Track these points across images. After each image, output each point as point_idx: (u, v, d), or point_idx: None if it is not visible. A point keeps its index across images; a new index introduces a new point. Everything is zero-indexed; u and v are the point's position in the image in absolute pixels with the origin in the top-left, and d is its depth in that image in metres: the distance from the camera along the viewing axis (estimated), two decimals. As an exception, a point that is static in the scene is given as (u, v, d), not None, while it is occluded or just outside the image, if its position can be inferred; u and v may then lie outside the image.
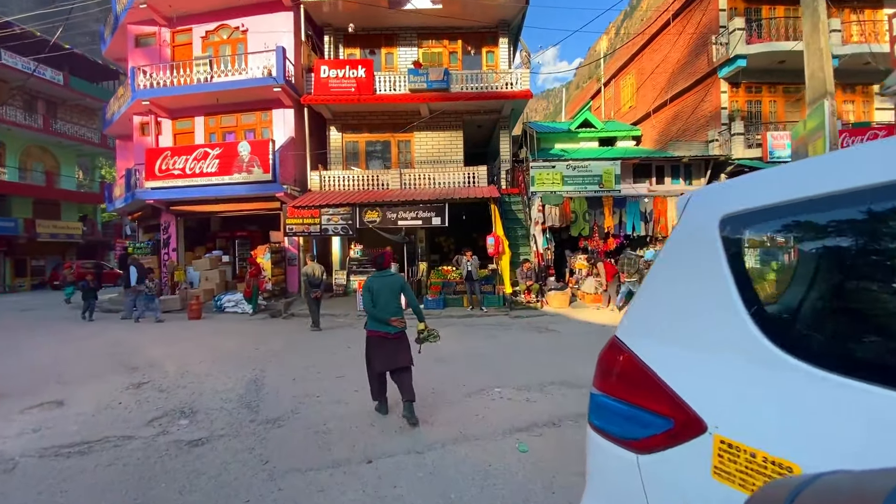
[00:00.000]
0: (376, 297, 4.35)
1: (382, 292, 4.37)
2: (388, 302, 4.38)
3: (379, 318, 4.31)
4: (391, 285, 4.45)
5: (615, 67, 25.21)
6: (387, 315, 4.31)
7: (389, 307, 4.37)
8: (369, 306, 4.34)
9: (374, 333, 4.37)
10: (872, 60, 13.74)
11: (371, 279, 4.45)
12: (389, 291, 4.42)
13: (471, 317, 11.35)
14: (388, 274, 4.56)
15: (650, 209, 12.37)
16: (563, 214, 12.22)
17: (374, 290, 4.36)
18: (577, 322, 10.21)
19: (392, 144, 15.58)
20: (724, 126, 15.91)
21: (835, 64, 15.59)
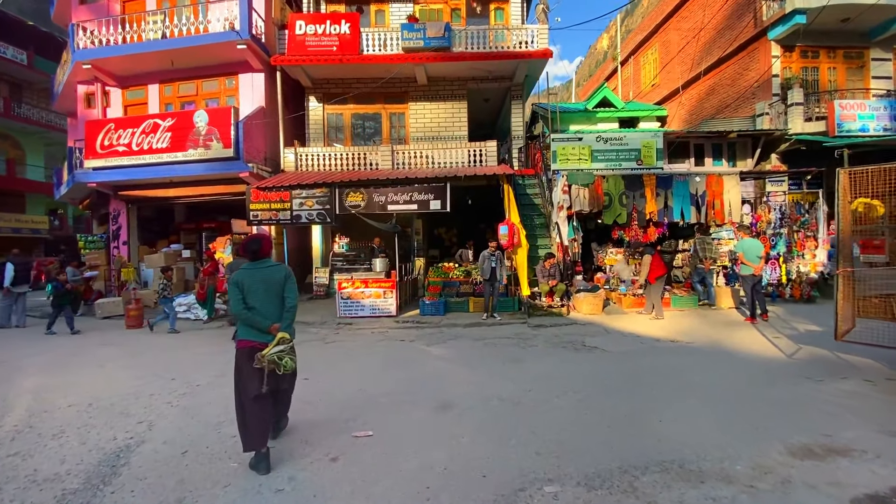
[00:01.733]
0: (249, 297, 3.36)
1: (256, 290, 3.38)
2: (266, 303, 3.41)
3: (252, 324, 3.35)
4: (269, 280, 3.44)
5: (634, 43, 22.71)
6: (264, 320, 3.35)
7: (268, 309, 3.40)
8: (238, 308, 3.34)
9: (247, 344, 3.36)
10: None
11: (241, 272, 3.43)
12: (267, 288, 3.41)
13: (479, 326, 8.92)
14: (267, 265, 3.51)
15: (702, 190, 9.95)
16: (595, 197, 9.80)
17: (246, 286, 3.38)
18: (620, 335, 7.77)
19: (383, 118, 13.12)
20: (776, 97, 13.45)
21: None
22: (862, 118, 12.01)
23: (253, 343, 3.30)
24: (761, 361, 5.75)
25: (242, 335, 3.36)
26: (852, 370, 5.29)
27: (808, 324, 8.15)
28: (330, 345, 7.36)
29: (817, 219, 10.33)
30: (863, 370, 5.28)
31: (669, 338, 7.36)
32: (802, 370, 5.34)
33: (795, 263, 10.40)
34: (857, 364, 5.52)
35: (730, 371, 5.35)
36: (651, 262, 8.88)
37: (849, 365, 5.52)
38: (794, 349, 6.34)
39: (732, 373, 5.28)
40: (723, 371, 5.35)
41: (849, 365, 5.52)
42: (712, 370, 5.39)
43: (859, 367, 5.41)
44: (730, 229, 10.15)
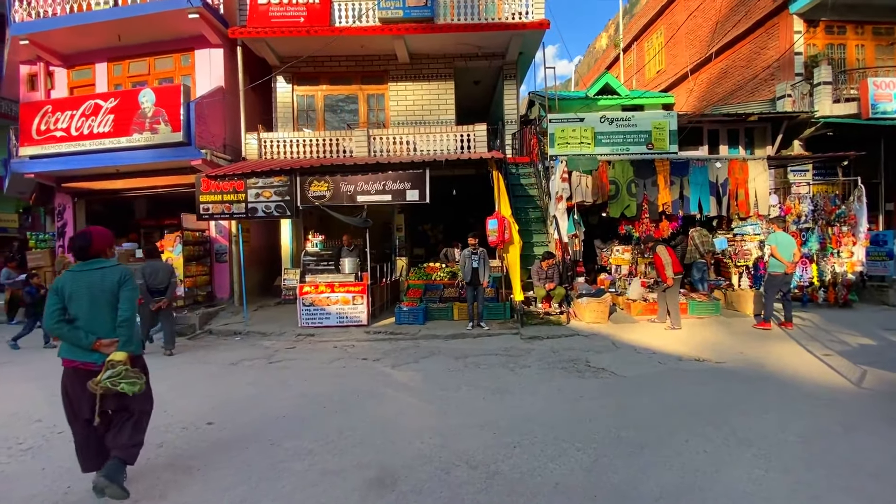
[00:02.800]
0: (72, 306, 2.66)
1: (80, 298, 2.67)
2: (93, 314, 2.69)
3: (70, 341, 2.67)
4: (98, 286, 2.70)
5: (638, 27, 21.28)
6: (87, 336, 2.64)
7: (95, 322, 2.69)
8: (51, 322, 2.62)
9: (72, 364, 2.70)
10: None
11: (64, 276, 2.75)
12: (94, 296, 2.69)
13: (463, 337, 7.53)
14: (96, 266, 2.75)
15: (723, 178, 8.56)
16: (599, 186, 8.41)
17: (67, 293, 2.67)
18: (631, 350, 6.37)
19: (360, 100, 11.70)
20: (799, 77, 12.05)
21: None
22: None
23: (79, 364, 2.68)
24: (823, 392, 4.36)
25: (67, 354, 2.72)
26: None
27: (856, 335, 6.78)
28: (272, 367, 5.95)
29: (856, 211, 8.93)
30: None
31: (693, 355, 5.97)
32: (885, 408, 3.94)
33: (830, 262, 9.01)
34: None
35: (786, 409, 3.96)
36: (666, 255, 7.48)
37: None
38: (856, 373, 4.95)
39: (791, 412, 3.89)
40: (777, 409, 3.96)
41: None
42: (762, 408, 4.00)
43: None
44: (756, 223, 8.76)
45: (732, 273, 9.30)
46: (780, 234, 7.49)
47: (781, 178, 11.48)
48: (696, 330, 7.45)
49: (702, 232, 9.10)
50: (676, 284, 7.61)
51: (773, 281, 7.38)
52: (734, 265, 9.26)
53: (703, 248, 9.05)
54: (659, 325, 7.74)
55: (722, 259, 9.56)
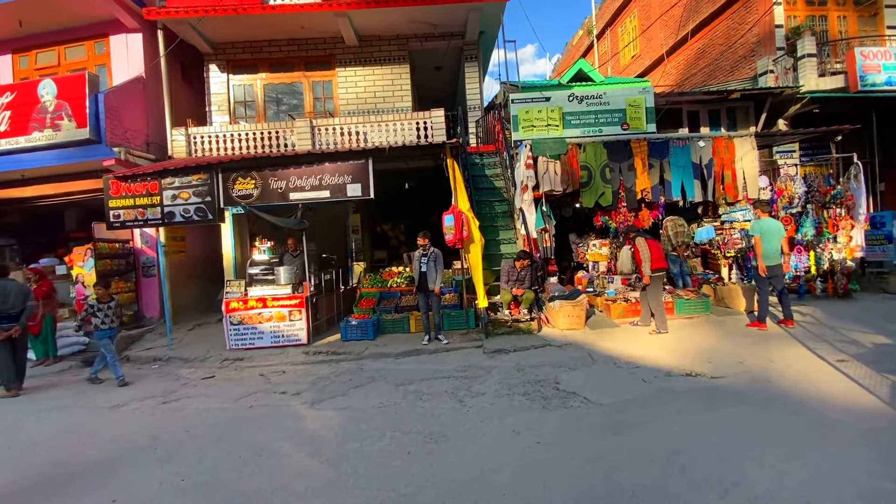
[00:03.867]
0: None
1: None
2: None
3: None
4: None
5: (610, 12, 20.44)
6: None
7: None
8: None
9: None
10: None
11: None
12: None
13: (418, 354, 6.40)
14: None
15: (707, 158, 7.61)
16: (569, 172, 7.38)
17: None
18: (610, 364, 5.31)
19: (304, 88, 10.47)
20: (781, 51, 11.23)
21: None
22: (888, 69, 9.84)
23: None
24: (854, 420, 3.34)
25: None
26: None
27: (866, 331, 5.85)
28: (159, 411, 4.71)
29: (853, 191, 8.06)
30: None
31: (684, 368, 4.94)
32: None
33: (826, 249, 8.13)
34: None
35: (814, 452, 2.93)
36: (645, 249, 6.46)
37: None
38: (885, 387, 3.96)
39: (821, 457, 2.86)
40: (803, 454, 2.92)
41: None
42: (784, 452, 2.95)
43: None
44: (745, 208, 7.83)
45: (721, 265, 8.36)
46: (765, 220, 6.49)
47: (767, 159, 10.64)
48: (684, 333, 6.45)
49: (677, 222, 8.16)
50: (657, 282, 6.60)
51: (765, 274, 6.42)
52: (723, 256, 8.32)
53: (675, 239, 8.11)
54: (643, 329, 6.72)
55: (710, 250, 8.62)
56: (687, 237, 8.25)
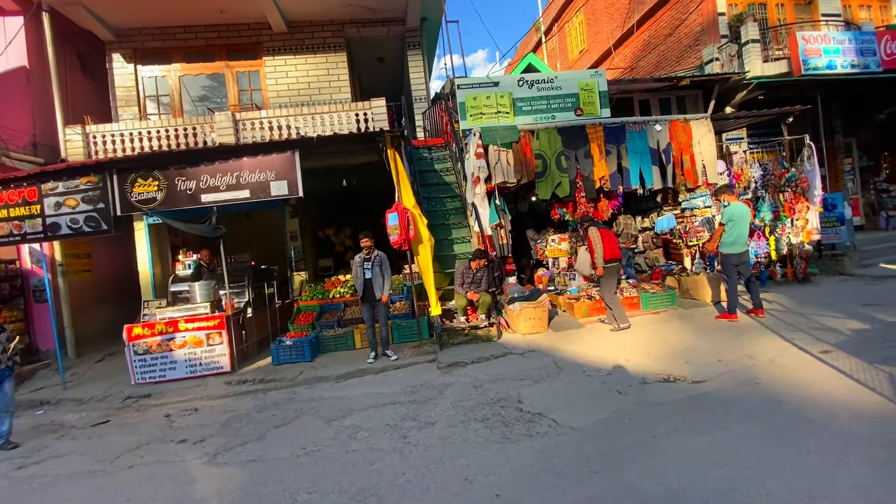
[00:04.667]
0: None
1: None
2: None
3: None
4: None
5: (556, 8, 20.36)
6: None
7: None
8: None
9: None
10: None
11: None
12: None
13: (362, 375, 5.52)
14: None
15: (665, 143, 7.22)
16: (522, 162, 6.74)
17: None
18: (578, 373, 4.66)
19: (228, 79, 9.34)
20: (725, 39, 11.22)
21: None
22: (828, 53, 9.94)
23: None
24: (867, 431, 2.80)
25: None
26: None
27: (838, 316, 5.54)
28: (10, 479, 3.59)
29: (807, 172, 7.92)
30: None
31: (662, 371, 4.35)
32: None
33: (784, 233, 7.95)
34: None
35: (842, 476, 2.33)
36: (597, 238, 5.95)
37: None
38: (883, 380, 3.50)
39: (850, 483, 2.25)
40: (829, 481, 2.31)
41: None
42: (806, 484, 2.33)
43: None
44: (705, 194, 7.49)
45: (684, 255, 8.00)
46: (735, 205, 6.12)
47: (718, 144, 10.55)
48: (654, 330, 5.94)
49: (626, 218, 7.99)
50: (611, 274, 6.08)
51: (728, 262, 6.04)
52: (685, 245, 7.97)
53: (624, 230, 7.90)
54: (609, 328, 6.17)
55: (671, 240, 8.26)
56: (634, 230, 8.12)
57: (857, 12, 12.28)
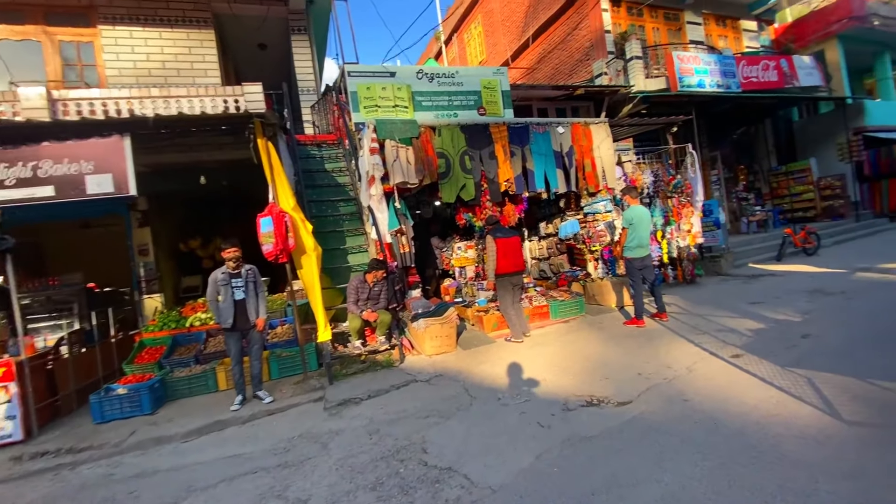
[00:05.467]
0: None
1: None
2: None
3: None
4: None
5: (456, 18, 20.41)
6: None
7: None
8: None
9: None
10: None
11: None
12: None
13: (222, 428, 4.23)
14: None
15: (568, 146, 7.03)
16: (424, 160, 6.00)
17: None
18: (492, 400, 3.95)
19: (46, 48, 7.23)
20: (612, 55, 11.83)
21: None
22: (699, 73, 10.91)
23: None
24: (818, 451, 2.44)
25: None
26: None
27: (732, 315, 5.65)
28: None
29: (690, 179, 8.37)
30: None
31: (583, 392, 3.83)
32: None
33: (674, 237, 8.28)
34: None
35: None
36: (492, 247, 5.51)
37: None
38: (803, 385, 3.31)
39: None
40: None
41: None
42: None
43: None
44: (605, 198, 7.45)
45: (588, 260, 7.91)
46: (636, 208, 6.08)
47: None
48: (567, 341, 5.53)
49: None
50: (505, 286, 5.64)
51: (632, 266, 5.94)
52: (588, 250, 7.88)
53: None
54: (525, 341, 5.64)
55: (575, 245, 8.14)
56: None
57: (716, 41, 13.86)
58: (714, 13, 13.89)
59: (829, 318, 4.97)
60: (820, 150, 13.56)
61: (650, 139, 11.44)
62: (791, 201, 13.53)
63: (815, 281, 7.03)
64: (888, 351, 3.78)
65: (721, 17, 14.13)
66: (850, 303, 5.51)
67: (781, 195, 13.79)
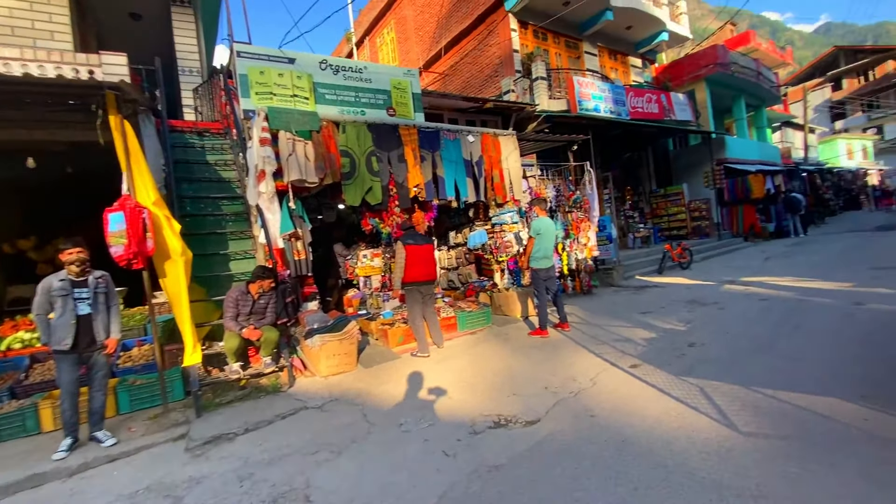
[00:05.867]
0: None
1: None
2: None
3: None
4: None
5: (368, 21, 19.92)
6: None
7: None
8: None
9: None
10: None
11: None
12: None
13: (37, 485, 3.19)
14: None
15: (478, 155, 6.94)
16: (325, 157, 5.41)
17: None
18: (394, 425, 3.51)
19: None
20: (519, 73, 12.30)
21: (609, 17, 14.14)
22: (595, 98, 11.74)
23: None
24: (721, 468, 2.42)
25: None
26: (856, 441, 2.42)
27: (626, 325, 5.90)
28: None
29: (588, 195, 8.84)
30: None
31: (491, 411, 3.57)
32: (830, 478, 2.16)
33: (573, 249, 8.64)
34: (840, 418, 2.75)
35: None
36: (400, 254, 5.21)
37: (839, 428, 2.69)
38: (697, 395, 3.40)
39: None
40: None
41: (839, 428, 2.69)
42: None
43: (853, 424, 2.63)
44: (512, 209, 7.49)
45: (495, 270, 7.88)
46: (543, 219, 6.17)
47: (519, 167, 11.33)
48: (474, 354, 5.30)
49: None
50: (414, 295, 5.34)
51: (537, 277, 5.98)
52: (495, 261, 7.86)
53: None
54: (432, 355, 5.30)
55: (483, 255, 8.07)
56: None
57: (609, 72, 15.17)
58: (608, 47, 15.23)
59: (709, 328, 5.38)
60: (690, 176, 15.48)
61: (552, 156, 12.01)
62: (668, 220, 15.18)
63: (692, 292, 7.75)
64: (762, 358, 4.10)
65: (613, 52, 15.54)
66: (722, 312, 6.07)
67: (660, 215, 15.43)
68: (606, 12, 13.41)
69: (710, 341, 4.80)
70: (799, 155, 23.94)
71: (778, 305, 6.06)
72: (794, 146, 25.04)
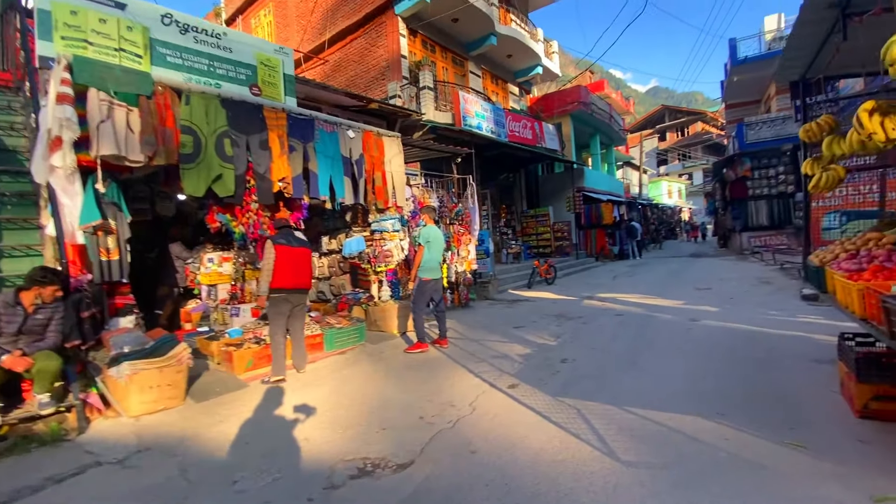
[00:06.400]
0: None
1: None
2: None
3: None
4: None
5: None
6: None
7: None
8: None
9: None
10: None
11: None
12: None
13: None
14: None
15: (358, 153, 6.28)
16: (158, 131, 4.23)
17: None
18: (230, 484, 2.66)
19: None
20: (406, 80, 12.04)
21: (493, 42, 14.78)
22: (478, 116, 12.02)
23: None
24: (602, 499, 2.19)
25: None
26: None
27: (503, 341, 5.83)
28: None
29: (470, 209, 8.82)
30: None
31: (355, 452, 2.96)
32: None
33: (454, 262, 8.50)
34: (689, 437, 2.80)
35: None
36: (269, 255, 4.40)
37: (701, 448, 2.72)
38: (576, 419, 3.27)
39: None
40: None
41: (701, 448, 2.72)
42: None
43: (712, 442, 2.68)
44: (394, 216, 7.00)
45: (372, 281, 7.26)
46: (432, 228, 5.86)
47: (400, 176, 10.94)
48: (342, 379, 4.61)
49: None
50: (281, 305, 4.54)
51: (424, 288, 5.63)
52: (373, 271, 7.25)
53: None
54: (290, 381, 4.45)
55: (360, 265, 7.40)
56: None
57: (490, 94, 15.84)
58: (491, 71, 15.93)
59: (577, 342, 5.54)
60: (555, 200, 16.92)
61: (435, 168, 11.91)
62: (536, 239, 16.30)
63: (558, 306, 8.15)
64: (628, 375, 4.23)
65: (495, 76, 16.31)
66: (587, 327, 6.38)
67: (529, 233, 16.51)
68: (491, 36, 14.01)
69: (580, 357, 4.89)
70: (635, 191, 28.26)
71: (631, 320, 6.59)
72: (632, 183, 29.58)
